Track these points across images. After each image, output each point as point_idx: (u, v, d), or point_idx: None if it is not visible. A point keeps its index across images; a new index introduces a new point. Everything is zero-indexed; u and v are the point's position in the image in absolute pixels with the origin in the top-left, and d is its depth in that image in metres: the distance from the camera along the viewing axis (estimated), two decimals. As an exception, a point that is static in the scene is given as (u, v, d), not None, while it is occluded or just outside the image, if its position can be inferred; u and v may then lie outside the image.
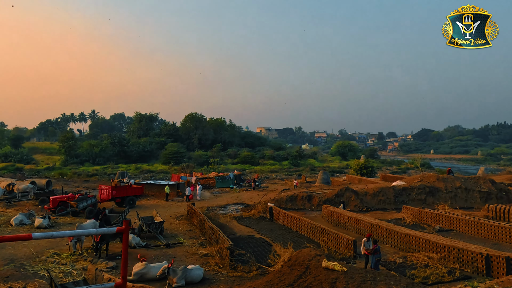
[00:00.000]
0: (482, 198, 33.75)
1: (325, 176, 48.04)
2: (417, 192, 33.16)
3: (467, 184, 34.55)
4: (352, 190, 32.40)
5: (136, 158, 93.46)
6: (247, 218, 26.01)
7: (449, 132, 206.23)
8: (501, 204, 27.80)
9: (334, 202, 31.58)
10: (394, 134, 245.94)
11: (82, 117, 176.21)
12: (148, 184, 35.33)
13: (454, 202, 33.20)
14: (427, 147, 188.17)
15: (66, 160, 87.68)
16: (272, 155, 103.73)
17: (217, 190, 41.33)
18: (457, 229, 22.98)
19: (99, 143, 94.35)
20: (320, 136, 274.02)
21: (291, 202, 31.74)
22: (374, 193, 32.46)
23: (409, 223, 25.28)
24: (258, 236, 21.07)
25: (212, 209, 29.39)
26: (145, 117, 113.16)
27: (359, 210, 30.57)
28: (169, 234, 21.50)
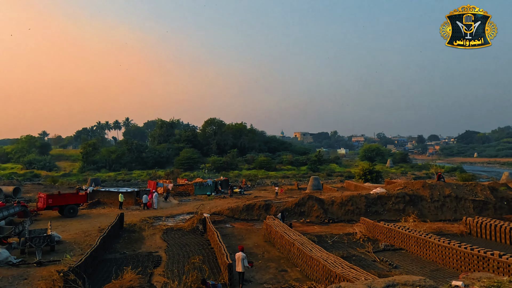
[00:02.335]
0: (476, 208, 28.79)
1: (315, 182, 44.19)
2: (394, 201, 28.84)
3: (459, 192, 29.67)
4: (316, 199, 28.72)
5: (152, 164, 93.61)
6: (177, 231, 23.38)
7: (497, 134, 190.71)
8: (485, 218, 23.06)
9: (293, 212, 28.17)
10: (436, 137, 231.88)
11: (117, 124, 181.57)
12: (106, 191, 33.75)
13: (440, 212, 28.58)
14: (470, 150, 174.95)
15: (83, 166, 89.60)
16: (291, 160, 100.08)
17: (192, 198, 39.02)
18: (407, 247, 18.91)
19: (116, 150, 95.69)
20: (357, 140, 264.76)
21: (247, 211, 28.69)
22: (342, 202, 28.57)
23: (360, 238, 21.43)
24: (158, 254, 18.41)
25: (156, 219, 27.07)
26: (166, 124, 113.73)
27: (319, 222, 26.93)
28: (70, 248, 19.39)
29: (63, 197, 27.94)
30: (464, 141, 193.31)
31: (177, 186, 42.37)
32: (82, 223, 25.70)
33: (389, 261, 16.89)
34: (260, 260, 17.36)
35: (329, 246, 19.91)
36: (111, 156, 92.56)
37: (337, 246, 19.89)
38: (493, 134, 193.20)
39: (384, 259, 17.19)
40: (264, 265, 16.74)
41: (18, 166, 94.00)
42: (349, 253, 18.16)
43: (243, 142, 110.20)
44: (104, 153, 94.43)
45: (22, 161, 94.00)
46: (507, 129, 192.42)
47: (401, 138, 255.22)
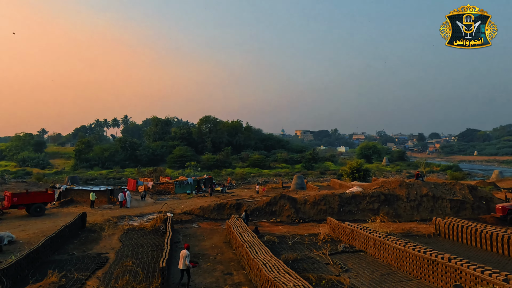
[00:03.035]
0: (454, 208, 28.03)
1: (299, 181, 43.46)
2: (368, 201, 28.10)
3: (437, 191, 28.88)
4: (289, 198, 28.03)
5: (146, 162, 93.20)
6: (139, 231, 22.75)
7: (498, 132, 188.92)
8: (454, 218, 22.30)
9: (264, 211, 27.52)
10: (437, 135, 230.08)
11: (115, 122, 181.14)
12: (79, 190, 33.22)
13: (416, 212, 27.83)
14: (470, 148, 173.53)
15: (76, 164, 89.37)
16: (285, 158, 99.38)
17: (170, 197, 38.42)
18: (367, 249, 18.19)
19: (110, 148, 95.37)
20: (358, 138, 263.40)
21: (218, 211, 28.06)
22: (315, 201, 27.87)
23: (323, 239, 20.73)
24: (107, 255, 17.80)
25: (121, 219, 26.48)
26: (161, 121, 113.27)
27: (290, 222, 26.25)
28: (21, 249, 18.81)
29: (29, 195, 27.41)
30: (464, 139, 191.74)
31: (158, 185, 41.80)
32: (45, 223, 25.17)
33: (342, 264, 16.19)
34: (209, 263, 16.71)
35: (288, 247, 19.24)
36: (104, 154, 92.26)
37: (296, 247, 19.20)
38: (494, 132, 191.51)
39: (337, 262, 16.49)
40: (211, 267, 16.09)
41: (12, 164, 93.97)
42: (304, 255, 17.48)
43: (238, 140, 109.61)
44: (98, 151, 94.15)
45: (16, 159, 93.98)
46: (509, 127, 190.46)
47: (402, 136, 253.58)
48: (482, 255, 17.58)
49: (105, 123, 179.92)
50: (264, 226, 24.97)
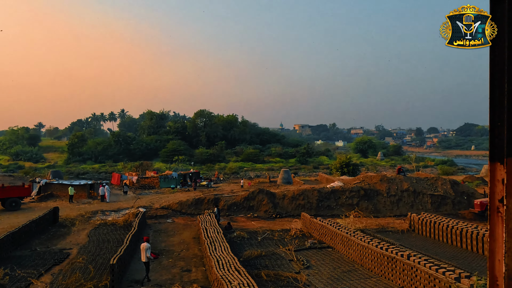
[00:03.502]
0: (434, 203, 27.70)
1: (286, 175, 43.15)
2: (348, 196, 27.77)
3: (418, 186, 28.53)
4: (267, 193, 27.71)
5: (139, 156, 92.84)
6: (110, 226, 22.43)
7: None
8: (428, 214, 21.98)
9: (242, 206, 27.21)
10: (435, 130, 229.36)
11: (112, 116, 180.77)
12: (59, 184, 32.89)
13: (396, 207, 27.52)
14: (468, 143, 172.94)
15: (69, 158, 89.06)
16: (280, 152, 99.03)
17: (154, 191, 38.12)
18: (335, 245, 17.88)
19: (103, 142, 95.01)
20: (356, 132, 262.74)
21: (196, 206, 27.74)
22: (294, 196, 27.54)
23: (294, 234, 20.42)
24: (69, 251, 17.51)
25: (95, 214, 26.15)
26: (156, 115, 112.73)
27: (267, 217, 25.95)
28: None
29: (4, 190, 27.09)
30: (462, 134, 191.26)
31: (142, 179, 41.49)
32: (18, 217, 24.88)
33: (305, 260, 15.88)
34: (171, 259, 16.41)
35: (256, 243, 18.94)
36: (97, 148, 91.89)
37: (265, 243, 18.90)
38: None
39: (301, 258, 16.18)
40: (171, 264, 15.79)
41: (5, 158, 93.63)
42: (269, 252, 17.16)
43: (233, 134, 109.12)
44: (91, 145, 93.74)
45: (9, 153, 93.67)
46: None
47: (400, 130, 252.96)
48: (452, 251, 17.28)
49: (101, 117, 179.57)
50: (240, 221, 24.68)
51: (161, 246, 18.54)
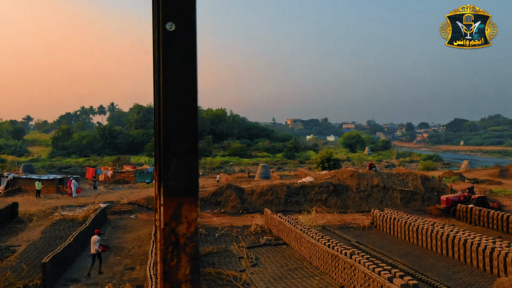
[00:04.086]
0: (404, 199, 27.54)
1: (264, 170, 42.86)
2: (317, 191, 27.51)
3: (388, 182, 28.34)
4: (236, 188, 27.37)
5: (125, 150, 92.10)
6: (70, 222, 21.96)
7: (486, 122, 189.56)
8: (390, 210, 21.80)
9: (209, 202, 26.85)
10: (426, 125, 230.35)
11: (102, 109, 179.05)
12: (27, 179, 32.30)
13: (365, 203, 27.31)
14: (457, 138, 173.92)
15: (53, 152, 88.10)
16: (267, 147, 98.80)
17: (128, 186, 37.64)
18: (290, 242, 17.60)
19: (88, 135, 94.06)
20: (348, 127, 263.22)
21: (163, 201, 27.27)
22: (262, 192, 27.23)
23: (254, 231, 20.12)
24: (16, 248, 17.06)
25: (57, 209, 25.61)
26: (144, 109, 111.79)
27: (233, 212, 25.62)
28: None
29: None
30: (452, 129, 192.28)
31: (118, 174, 40.98)
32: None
33: (255, 257, 15.59)
34: (119, 256, 16.04)
35: (212, 240, 18.62)
36: (82, 142, 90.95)
37: (221, 240, 18.57)
38: (482, 123, 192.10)
39: (251, 255, 15.88)
40: (118, 261, 15.42)
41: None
42: (221, 249, 16.84)
43: (221, 129, 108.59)
44: (76, 138, 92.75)
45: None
46: (496, 118, 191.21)
47: (391, 125, 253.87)
48: (407, 248, 17.07)
49: (90, 110, 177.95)
50: (205, 217, 24.34)
51: (115, 243, 18.15)
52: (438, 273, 13.69)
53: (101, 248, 13.98)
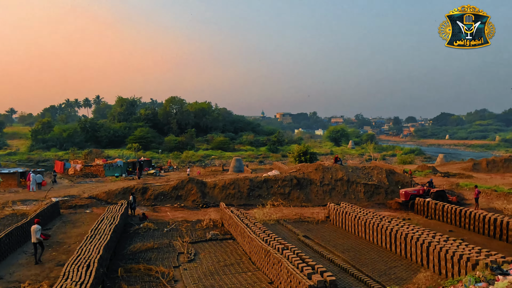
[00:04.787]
0: (367, 193, 27.41)
1: (237, 164, 42.45)
2: (280, 185, 27.23)
3: (353, 175, 28.15)
4: (197, 182, 26.95)
5: (107, 143, 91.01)
6: (20, 216, 21.35)
7: (471, 116, 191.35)
8: (346, 204, 21.58)
9: (170, 196, 26.42)
10: (413, 119, 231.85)
11: (87, 102, 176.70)
12: (-13, 172, 31.55)
13: (328, 197, 27.12)
14: (443, 132, 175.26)
15: (32, 145, 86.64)
16: (251, 140, 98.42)
17: (96, 180, 36.96)
18: (236, 236, 17.26)
19: (68, 128, 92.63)
20: (336, 121, 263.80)
21: (124, 195, 26.75)
22: (224, 185, 26.86)
23: (206, 225, 19.75)
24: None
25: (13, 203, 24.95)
26: (127, 102, 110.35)
27: (194, 207, 25.22)
28: None
29: None
30: (439, 123, 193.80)
31: (88, 167, 40.27)
32: None
33: (193, 253, 15.22)
34: (55, 252, 15.54)
35: (160, 234, 18.21)
36: (63, 135, 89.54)
37: (168, 235, 18.17)
38: (468, 117, 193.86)
39: (192, 250, 15.51)
40: (54, 257, 14.94)
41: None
42: (163, 244, 16.45)
43: (205, 122, 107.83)
44: (57, 131, 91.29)
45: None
46: (482, 112, 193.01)
47: (379, 119, 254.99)
48: (352, 243, 16.83)
49: (76, 103, 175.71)
50: (162, 211, 23.92)
51: (58, 238, 17.64)
52: (374, 268, 13.46)
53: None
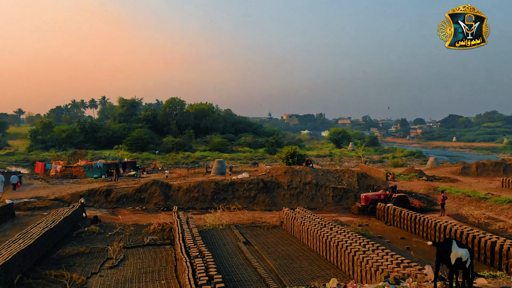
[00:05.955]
0: (336, 197, 26.76)
1: (219, 166, 42.04)
2: (246, 188, 26.70)
3: (322, 179, 27.50)
4: (161, 184, 26.60)
5: (105, 144, 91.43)
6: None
7: (481, 118, 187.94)
8: (301, 209, 20.95)
9: (132, 198, 26.11)
10: (422, 121, 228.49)
11: (93, 103, 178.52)
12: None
13: (295, 200, 26.55)
14: (451, 134, 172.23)
15: (31, 145, 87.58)
16: (249, 142, 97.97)
17: (73, 181, 36.88)
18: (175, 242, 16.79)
19: (67, 129, 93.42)
20: (343, 122, 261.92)
21: (89, 197, 26.54)
22: (188, 188, 26.45)
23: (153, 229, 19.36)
24: None
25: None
26: (127, 103, 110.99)
27: (155, 210, 24.85)
28: None
29: None
30: (446, 125, 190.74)
31: (68, 168, 40.28)
32: None
33: (121, 259, 14.82)
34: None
35: (101, 238, 17.87)
36: (62, 135, 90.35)
37: (108, 239, 17.79)
38: (477, 119, 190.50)
39: (120, 256, 15.10)
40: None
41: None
42: (95, 249, 16.08)
43: (205, 123, 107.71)
44: (56, 132, 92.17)
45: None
46: (492, 114, 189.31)
47: (387, 121, 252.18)
48: (291, 249, 16.20)
49: (82, 104, 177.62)
50: (122, 214, 23.64)
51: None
52: (296, 277, 12.86)
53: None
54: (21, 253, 13.09)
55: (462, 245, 8.07)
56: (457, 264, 7.97)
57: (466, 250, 8.05)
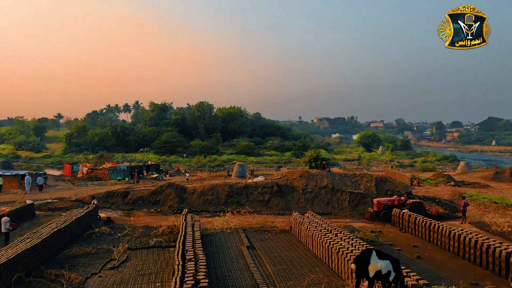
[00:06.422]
0: (352, 201, 26.11)
1: (240, 169, 42.04)
2: (260, 192, 26.50)
3: (338, 183, 26.88)
4: (176, 187, 26.87)
5: (136, 147, 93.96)
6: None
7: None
8: (310, 214, 20.51)
9: (148, 200, 26.56)
10: (459, 124, 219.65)
11: (127, 108, 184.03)
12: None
13: (310, 205, 26.13)
14: (490, 138, 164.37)
15: (66, 148, 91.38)
16: (276, 145, 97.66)
17: (97, 183, 37.95)
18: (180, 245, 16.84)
19: (101, 133, 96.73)
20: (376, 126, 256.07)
21: (107, 199, 27.26)
22: (203, 191, 26.57)
23: (162, 232, 19.52)
24: None
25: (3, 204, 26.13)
26: (158, 107, 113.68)
27: (170, 212, 25.12)
28: None
29: None
30: (485, 128, 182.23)
31: (94, 170, 41.59)
32: None
33: (124, 260, 15.01)
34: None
35: (109, 239, 18.22)
36: (95, 139, 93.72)
37: (116, 240, 18.10)
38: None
39: (124, 257, 15.29)
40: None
41: (10, 147, 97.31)
42: (101, 249, 16.38)
43: (233, 127, 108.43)
44: (90, 135, 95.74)
45: (13, 142, 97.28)
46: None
47: (422, 124, 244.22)
48: (295, 254, 15.83)
49: (116, 108, 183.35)
50: (136, 215, 24.05)
51: (16, 237, 18.11)
52: (293, 284, 12.52)
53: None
54: (26, 252, 13.50)
55: (384, 256, 7.29)
56: (377, 277, 7.22)
57: (387, 262, 7.24)
